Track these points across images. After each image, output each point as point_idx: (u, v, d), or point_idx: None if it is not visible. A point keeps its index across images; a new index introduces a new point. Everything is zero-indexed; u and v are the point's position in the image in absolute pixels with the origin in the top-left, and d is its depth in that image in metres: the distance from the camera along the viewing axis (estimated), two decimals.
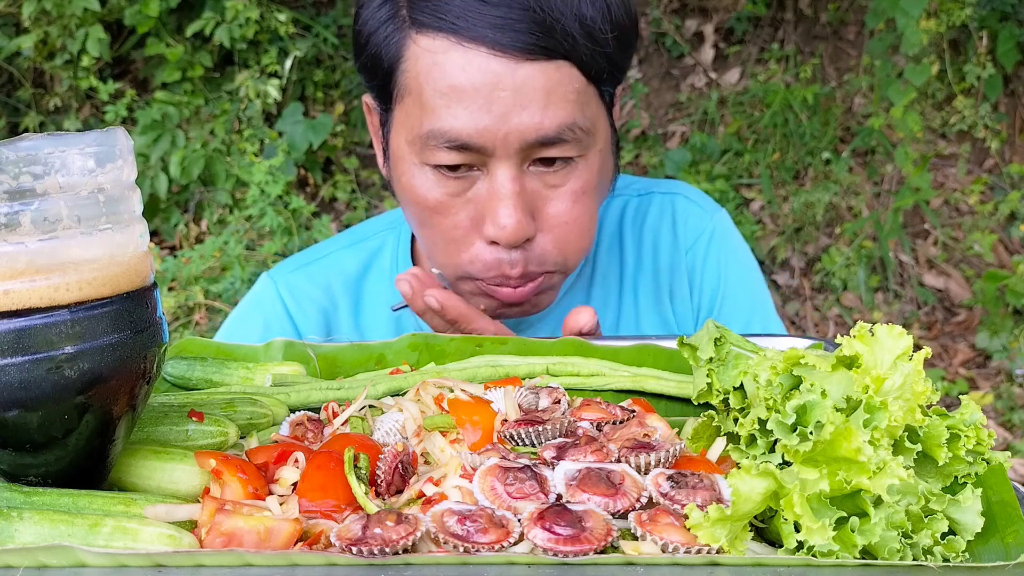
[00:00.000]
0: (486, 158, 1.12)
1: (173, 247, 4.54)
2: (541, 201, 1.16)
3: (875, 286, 4.02)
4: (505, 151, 1.10)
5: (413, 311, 1.17)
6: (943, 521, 0.69)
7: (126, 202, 0.71)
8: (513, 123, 1.08)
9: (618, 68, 1.17)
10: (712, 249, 1.44)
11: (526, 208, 1.14)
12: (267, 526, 0.68)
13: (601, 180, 1.22)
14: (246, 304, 1.44)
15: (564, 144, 1.12)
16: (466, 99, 1.08)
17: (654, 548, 0.67)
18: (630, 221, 1.46)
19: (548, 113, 1.09)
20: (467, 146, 1.10)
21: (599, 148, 1.18)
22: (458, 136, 1.10)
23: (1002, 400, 3.50)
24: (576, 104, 1.11)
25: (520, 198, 1.12)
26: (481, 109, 1.08)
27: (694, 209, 1.46)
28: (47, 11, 4.40)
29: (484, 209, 1.14)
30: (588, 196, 1.18)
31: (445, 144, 1.11)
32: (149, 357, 0.72)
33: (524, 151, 1.11)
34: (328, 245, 1.48)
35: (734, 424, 0.81)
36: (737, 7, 4.86)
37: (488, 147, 1.10)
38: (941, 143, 4.40)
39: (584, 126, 1.13)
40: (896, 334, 0.74)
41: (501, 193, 1.12)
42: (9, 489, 0.72)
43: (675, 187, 1.50)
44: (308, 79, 4.78)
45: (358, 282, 1.43)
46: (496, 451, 0.78)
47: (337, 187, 4.66)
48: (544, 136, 1.10)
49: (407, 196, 1.20)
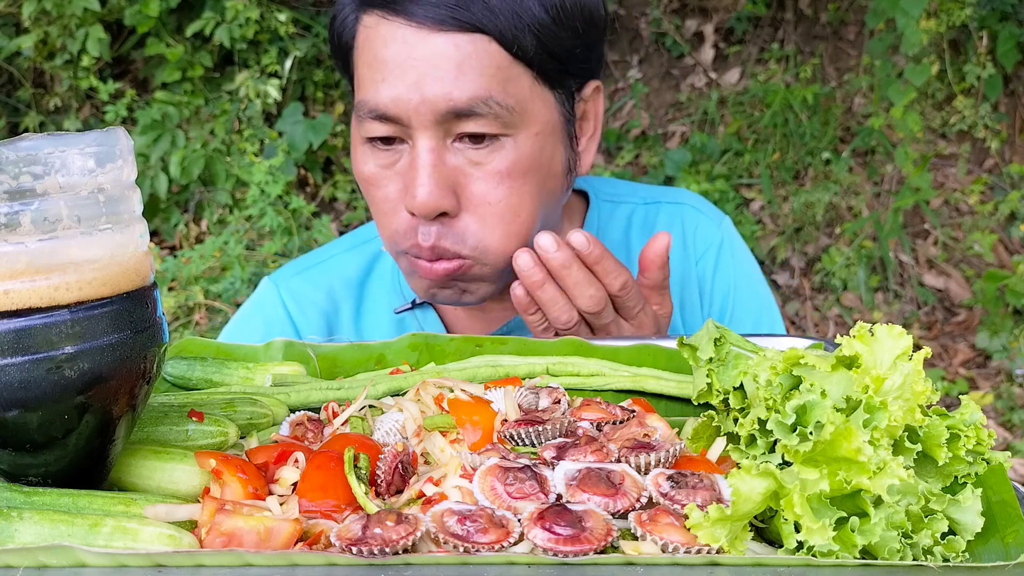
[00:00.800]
0: (408, 129, 1.13)
1: (173, 247, 4.54)
2: (464, 178, 1.15)
3: (875, 286, 4.02)
4: (420, 121, 1.11)
5: (552, 261, 1.10)
6: (943, 521, 0.69)
7: (126, 202, 0.71)
8: (424, 92, 1.10)
9: (566, 57, 1.16)
10: (722, 259, 1.44)
11: (443, 181, 1.13)
12: (267, 526, 0.68)
13: (541, 171, 1.19)
14: (248, 308, 1.45)
15: (480, 118, 1.11)
16: (385, 70, 1.11)
17: (654, 548, 0.67)
18: (638, 229, 1.45)
19: (459, 84, 1.09)
20: (386, 116, 1.13)
21: (535, 132, 1.16)
22: (376, 106, 1.13)
23: (1002, 400, 3.50)
24: (494, 79, 1.11)
25: (436, 170, 1.12)
26: (397, 79, 1.10)
27: (703, 220, 1.46)
28: (47, 11, 4.40)
29: (406, 181, 1.15)
30: (516, 179, 1.16)
31: (369, 115, 1.14)
32: (149, 357, 0.72)
33: (441, 123, 1.11)
34: (330, 249, 1.50)
35: (734, 424, 0.81)
36: (737, 7, 4.86)
37: (403, 117, 1.12)
38: (941, 143, 4.40)
39: (504, 103, 1.11)
40: (896, 334, 0.74)
41: (417, 164, 1.13)
42: (9, 489, 0.72)
43: (680, 196, 1.50)
44: (308, 79, 4.78)
45: (360, 285, 1.44)
46: (496, 451, 0.78)
47: (337, 187, 4.66)
48: (455, 107, 1.10)
49: (355, 173, 1.23)
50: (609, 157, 4.62)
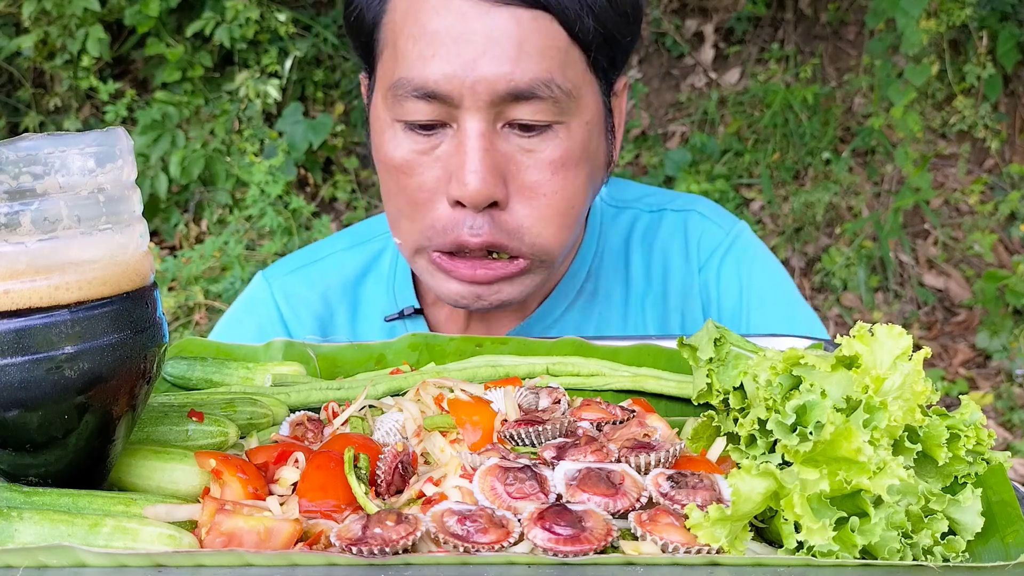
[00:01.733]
0: (455, 111, 1.04)
1: (173, 247, 4.54)
2: (515, 166, 1.06)
3: (875, 286, 4.02)
4: (474, 102, 1.02)
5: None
6: (943, 521, 0.69)
7: (126, 202, 0.71)
8: (482, 71, 1.01)
9: (615, 43, 1.10)
10: (727, 265, 1.35)
11: (495, 168, 1.04)
12: (267, 526, 0.68)
13: (590, 163, 1.12)
14: (240, 305, 1.40)
15: (539, 102, 1.03)
16: (436, 43, 1.02)
17: (654, 548, 0.67)
18: (639, 238, 1.37)
19: (521, 64, 1.01)
20: (434, 94, 1.03)
21: (586, 120, 1.09)
22: (424, 83, 1.02)
23: (1002, 400, 3.50)
24: (555, 61, 1.03)
25: (488, 155, 1.04)
26: (450, 54, 1.01)
27: (708, 226, 1.37)
28: (47, 11, 4.41)
29: (451, 167, 1.06)
30: (569, 170, 1.08)
31: (412, 93, 1.04)
32: (149, 357, 0.72)
33: (495, 105, 1.03)
34: (327, 246, 1.43)
35: (734, 424, 0.81)
36: (737, 7, 4.86)
37: (455, 96, 1.02)
38: (941, 143, 4.40)
39: (564, 87, 1.04)
40: (896, 334, 0.74)
41: (467, 147, 1.03)
42: (9, 489, 0.72)
43: (690, 203, 1.40)
44: (308, 79, 4.79)
45: (356, 287, 1.38)
46: (496, 451, 0.78)
47: (337, 187, 4.66)
48: (515, 88, 1.02)
49: (379, 159, 1.13)
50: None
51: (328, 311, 1.36)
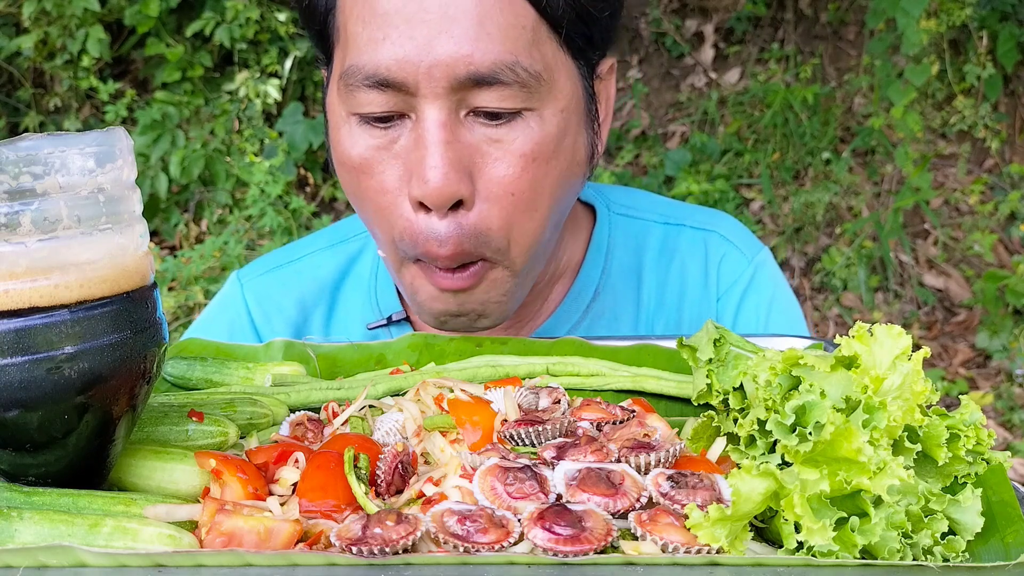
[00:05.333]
0: (412, 99, 0.93)
1: (173, 247, 4.54)
2: (480, 158, 0.96)
3: (875, 286, 4.02)
4: (431, 89, 0.92)
5: None
6: (943, 521, 0.69)
7: (126, 202, 0.71)
8: (438, 53, 0.90)
9: (590, 19, 0.99)
10: (749, 297, 1.25)
11: (458, 162, 0.94)
12: (267, 526, 0.68)
13: (567, 155, 1.01)
14: (215, 304, 1.32)
15: (505, 87, 0.93)
16: (387, 25, 0.92)
17: (654, 548, 0.67)
18: (654, 253, 1.26)
19: (481, 44, 0.91)
20: (387, 82, 0.93)
21: (560, 107, 0.98)
22: (376, 69, 0.92)
23: (1002, 400, 3.50)
24: (521, 41, 0.93)
25: (450, 147, 0.93)
26: (402, 36, 0.91)
27: (730, 251, 1.26)
28: (47, 11, 4.41)
29: (411, 163, 0.96)
30: (540, 165, 0.97)
31: (364, 81, 0.94)
32: (149, 357, 0.72)
33: (456, 91, 0.92)
34: (305, 245, 1.33)
35: (734, 424, 0.81)
36: (737, 7, 4.86)
37: (410, 83, 0.92)
38: (941, 143, 4.40)
39: (532, 69, 0.93)
40: (895, 334, 0.74)
41: (427, 140, 0.93)
42: (9, 489, 0.72)
43: (711, 222, 1.29)
44: (308, 79, 4.79)
45: (333, 290, 1.28)
46: (496, 451, 0.78)
47: (337, 187, 4.66)
48: (476, 72, 0.91)
49: (337, 159, 1.03)
50: (609, 157, 4.62)
51: (302, 315, 1.27)
